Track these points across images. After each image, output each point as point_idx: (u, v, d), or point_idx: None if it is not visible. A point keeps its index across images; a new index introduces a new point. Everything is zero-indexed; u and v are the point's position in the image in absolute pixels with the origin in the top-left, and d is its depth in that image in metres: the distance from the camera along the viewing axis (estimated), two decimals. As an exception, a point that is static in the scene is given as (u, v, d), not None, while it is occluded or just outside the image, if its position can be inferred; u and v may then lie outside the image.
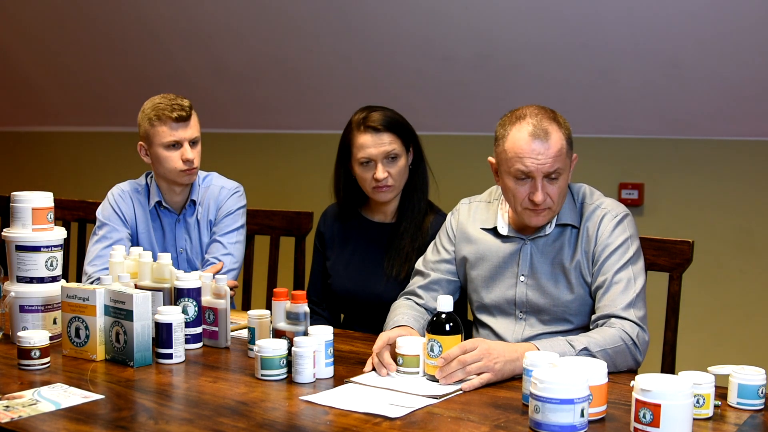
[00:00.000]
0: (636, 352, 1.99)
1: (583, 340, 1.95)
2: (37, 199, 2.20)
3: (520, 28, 3.55)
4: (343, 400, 1.75)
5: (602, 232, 2.11)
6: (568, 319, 2.13)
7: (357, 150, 2.45)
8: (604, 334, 1.97)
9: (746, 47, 3.28)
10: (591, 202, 2.17)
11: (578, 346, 1.93)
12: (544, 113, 2.09)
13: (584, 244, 2.13)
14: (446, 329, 1.85)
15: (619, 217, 2.12)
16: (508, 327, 2.19)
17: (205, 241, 2.75)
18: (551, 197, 2.08)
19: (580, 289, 2.12)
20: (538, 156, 2.04)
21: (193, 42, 4.36)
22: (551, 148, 2.04)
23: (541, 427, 1.55)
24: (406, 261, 2.46)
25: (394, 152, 2.45)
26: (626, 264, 2.07)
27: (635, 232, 2.14)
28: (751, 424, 1.64)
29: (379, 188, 2.46)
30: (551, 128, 2.06)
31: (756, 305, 3.61)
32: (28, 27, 4.80)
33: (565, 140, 2.08)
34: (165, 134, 2.61)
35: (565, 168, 2.08)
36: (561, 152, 2.06)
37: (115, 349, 2.04)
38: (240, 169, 3.80)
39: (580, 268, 2.12)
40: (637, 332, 2.00)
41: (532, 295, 2.16)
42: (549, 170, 2.05)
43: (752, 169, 3.59)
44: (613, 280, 2.06)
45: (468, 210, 2.31)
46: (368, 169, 2.45)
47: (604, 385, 1.63)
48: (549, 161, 2.04)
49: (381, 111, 2.47)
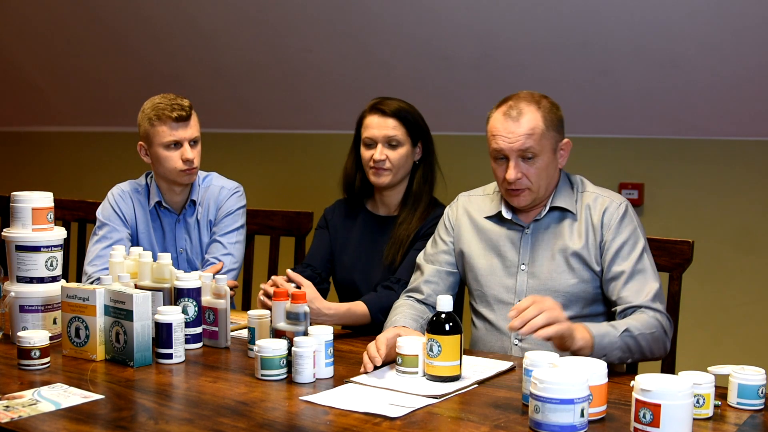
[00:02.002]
0: (666, 341, 2.04)
1: (623, 323, 1.98)
2: (37, 199, 2.21)
3: (520, 28, 3.55)
4: (343, 400, 1.75)
5: (609, 222, 2.14)
6: (567, 305, 2.15)
7: (364, 130, 2.53)
8: (641, 320, 2.01)
9: (746, 47, 3.28)
10: (591, 191, 2.21)
11: (620, 327, 1.95)
12: (527, 96, 2.16)
13: (590, 233, 2.16)
14: (446, 329, 1.85)
15: (623, 207, 2.17)
16: (507, 318, 2.20)
17: (205, 241, 2.75)
18: (528, 177, 2.13)
19: (582, 275, 2.15)
20: (509, 134, 2.11)
21: (193, 42, 4.36)
22: (522, 126, 2.10)
23: (541, 427, 1.54)
24: (401, 248, 2.49)
25: (396, 138, 2.49)
26: (642, 254, 2.12)
27: (639, 221, 2.19)
28: (751, 424, 1.64)
29: (375, 169, 2.50)
30: (527, 108, 2.12)
31: (756, 305, 3.61)
32: (28, 27, 4.80)
33: (543, 121, 2.12)
34: (165, 134, 2.61)
35: (542, 149, 2.12)
36: (534, 131, 2.10)
37: (115, 349, 2.04)
38: (240, 169, 3.80)
39: (584, 256, 2.14)
40: (666, 322, 2.05)
41: (532, 283, 2.18)
42: (520, 148, 2.11)
43: (752, 169, 3.58)
44: (634, 270, 2.09)
45: (466, 202, 2.35)
46: (370, 149, 2.52)
47: (604, 385, 1.63)
48: (520, 139, 2.10)
49: (397, 101, 2.54)
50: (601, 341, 1.90)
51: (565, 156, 2.22)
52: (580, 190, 2.22)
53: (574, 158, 3.75)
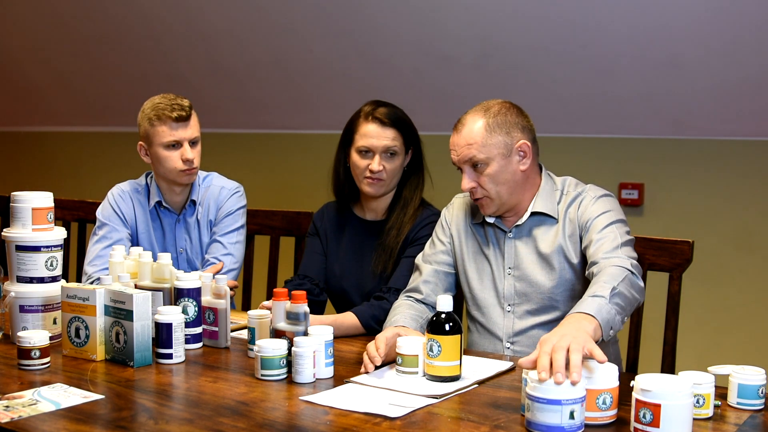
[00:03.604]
0: (638, 279, 1.94)
1: (598, 288, 1.83)
2: (37, 199, 2.20)
3: (520, 29, 3.55)
4: (343, 400, 1.75)
5: (583, 209, 2.15)
6: (555, 306, 2.17)
7: (359, 137, 2.48)
8: (606, 274, 1.89)
9: (746, 47, 3.28)
10: (574, 191, 2.21)
11: (603, 293, 1.81)
12: (480, 107, 2.17)
13: (566, 228, 2.16)
14: (446, 329, 1.85)
15: (600, 194, 2.18)
16: (497, 321, 2.25)
17: (205, 241, 2.75)
18: (482, 185, 2.15)
19: (565, 274, 2.16)
20: (455, 147, 2.16)
21: (193, 42, 4.36)
22: (462, 137, 2.14)
23: (531, 426, 1.56)
24: (390, 257, 2.48)
25: (394, 148, 2.47)
26: (611, 224, 2.09)
27: (618, 207, 2.16)
28: (751, 424, 1.64)
29: (370, 180, 2.47)
30: (470, 119, 2.15)
31: (756, 305, 3.61)
32: (28, 27, 4.81)
33: (485, 128, 2.12)
34: (165, 134, 2.61)
35: (490, 157, 2.12)
36: (473, 140, 2.12)
37: (115, 349, 2.04)
38: (240, 169, 3.80)
39: (563, 251, 2.15)
40: (629, 262, 1.95)
41: (519, 286, 2.20)
42: (465, 159, 2.14)
43: (752, 169, 3.59)
44: (599, 236, 2.06)
45: (461, 205, 2.36)
46: (365, 158, 2.47)
47: (616, 387, 1.62)
48: (462, 150, 2.14)
49: (391, 107, 2.51)
50: (604, 317, 1.76)
51: (527, 157, 2.16)
52: (564, 192, 2.21)
53: (575, 158, 3.79)
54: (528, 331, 2.20)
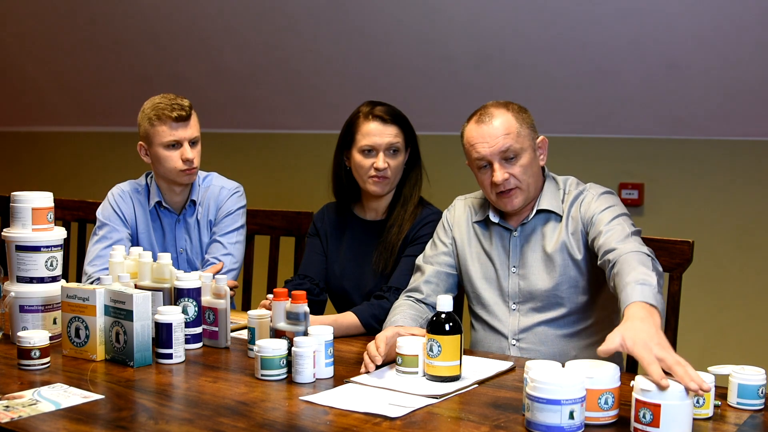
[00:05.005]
0: (656, 261, 1.94)
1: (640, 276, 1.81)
2: (37, 199, 2.21)
3: (520, 28, 3.55)
4: (343, 400, 1.75)
5: (586, 206, 2.17)
6: (560, 303, 2.18)
7: (361, 137, 2.48)
8: (632, 262, 1.88)
9: (746, 47, 3.28)
10: (576, 190, 2.23)
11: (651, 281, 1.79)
12: (494, 103, 2.19)
13: (569, 226, 2.18)
14: (446, 329, 1.85)
15: (601, 191, 2.20)
16: (503, 319, 2.25)
17: (205, 241, 2.75)
18: (515, 176, 2.15)
19: (569, 271, 2.17)
20: (487, 139, 2.14)
21: (193, 42, 4.36)
22: (497, 128, 2.13)
23: (530, 426, 1.56)
24: (392, 255, 2.48)
25: (397, 145, 2.48)
26: (617, 217, 2.10)
27: (620, 203, 2.18)
28: (751, 424, 1.64)
29: (376, 178, 2.47)
30: (497, 112, 2.15)
31: (756, 305, 3.61)
32: (28, 27, 4.80)
33: (516, 121, 2.15)
34: (165, 134, 2.61)
35: (523, 148, 2.15)
36: (510, 131, 2.13)
37: (115, 349, 2.04)
38: (240, 169, 3.80)
39: (567, 248, 2.17)
40: (647, 248, 1.97)
41: (523, 284, 2.21)
42: (501, 149, 2.13)
43: (752, 169, 3.59)
44: (608, 227, 2.06)
45: (463, 206, 2.37)
46: (369, 157, 2.48)
47: (616, 388, 1.62)
48: (498, 141, 2.13)
49: (387, 105, 2.52)
50: (662, 307, 1.77)
51: (544, 153, 2.24)
52: (566, 191, 2.24)
53: (575, 158, 3.79)
54: (533, 328, 2.21)
